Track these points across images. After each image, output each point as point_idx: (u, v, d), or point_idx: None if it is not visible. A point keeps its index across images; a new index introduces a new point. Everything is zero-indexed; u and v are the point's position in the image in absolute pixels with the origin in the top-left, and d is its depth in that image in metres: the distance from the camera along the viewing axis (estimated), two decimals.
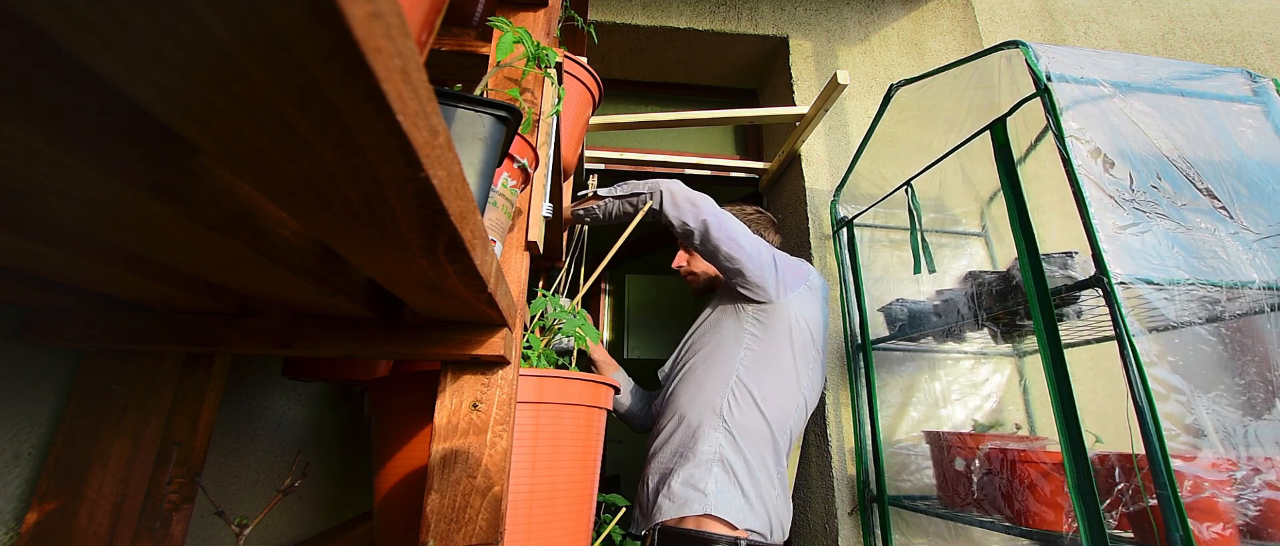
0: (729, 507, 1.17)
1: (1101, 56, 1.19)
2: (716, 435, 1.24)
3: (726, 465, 1.21)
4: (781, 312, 1.34)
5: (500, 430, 0.61)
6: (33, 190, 0.25)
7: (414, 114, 0.19)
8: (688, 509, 1.16)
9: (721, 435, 1.24)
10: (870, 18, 2.23)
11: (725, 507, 1.16)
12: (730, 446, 1.23)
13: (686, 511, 1.16)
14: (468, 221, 0.30)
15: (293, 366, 0.96)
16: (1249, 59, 2.33)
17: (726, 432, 1.24)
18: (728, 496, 1.18)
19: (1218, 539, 0.91)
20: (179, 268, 0.41)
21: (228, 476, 0.85)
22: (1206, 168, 1.11)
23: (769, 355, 1.31)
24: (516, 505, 0.69)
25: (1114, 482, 1.00)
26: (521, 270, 0.72)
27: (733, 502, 1.17)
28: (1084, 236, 1.00)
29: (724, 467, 1.21)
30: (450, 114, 0.48)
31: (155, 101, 0.19)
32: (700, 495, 1.17)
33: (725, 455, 1.22)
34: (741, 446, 1.23)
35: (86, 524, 0.55)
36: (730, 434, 1.24)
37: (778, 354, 1.31)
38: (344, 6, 0.13)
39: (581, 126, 1.15)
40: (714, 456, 1.22)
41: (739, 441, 1.23)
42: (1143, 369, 0.89)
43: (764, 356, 1.31)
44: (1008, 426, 1.48)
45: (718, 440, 1.23)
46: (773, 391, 1.29)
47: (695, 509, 1.16)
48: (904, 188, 1.58)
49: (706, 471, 1.20)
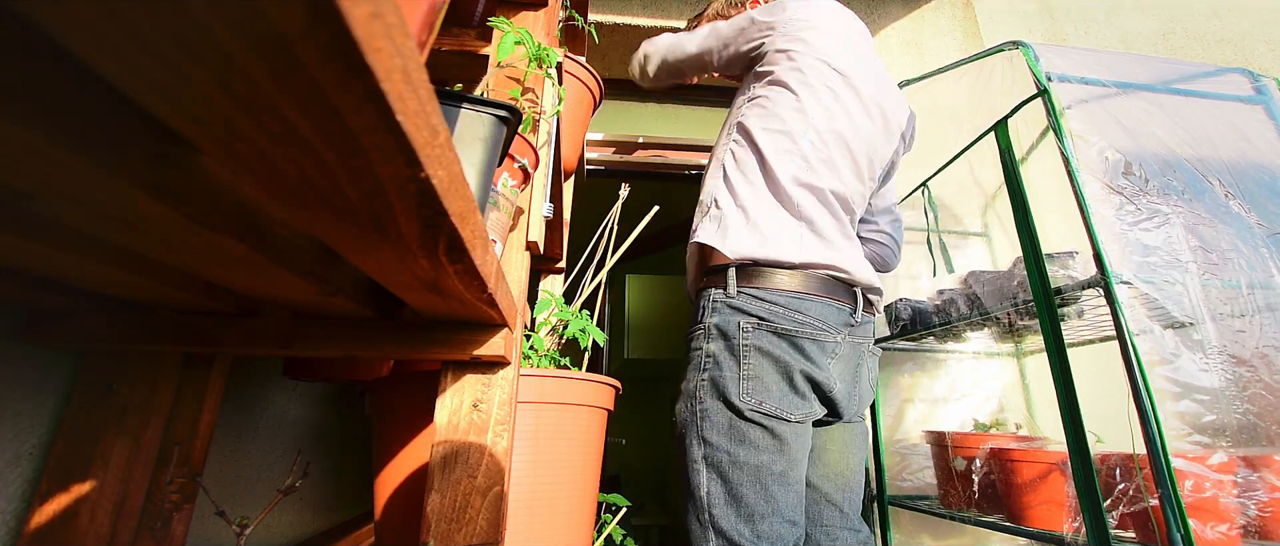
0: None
1: (1102, 56, 1.19)
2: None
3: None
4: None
5: (501, 430, 0.61)
6: (34, 190, 0.25)
7: (414, 114, 0.19)
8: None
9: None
10: (871, 17, 2.23)
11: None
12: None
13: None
14: (468, 221, 0.30)
15: (293, 366, 0.96)
16: (1250, 58, 2.33)
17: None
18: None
19: (1219, 539, 0.91)
20: (179, 267, 0.41)
21: (228, 476, 0.85)
22: (1208, 167, 1.11)
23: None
24: (517, 505, 0.69)
25: (1114, 482, 1.00)
26: (522, 270, 0.72)
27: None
28: (1085, 236, 1.00)
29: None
30: (451, 114, 0.48)
31: (155, 101, 0.19)
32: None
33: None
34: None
35: (87, 524, 0.55)
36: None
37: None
38: (344, 7, 0.13)
39: (582, 126, 1.15)
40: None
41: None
42: (1144, 368, 0.89)
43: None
44: (1008, 426, 1.48)
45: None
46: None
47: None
48: (920, 188, 1.58)
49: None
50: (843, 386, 0.89)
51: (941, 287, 1.53)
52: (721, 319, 0.88)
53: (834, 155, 0.94)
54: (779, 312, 0.86)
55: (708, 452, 0.85)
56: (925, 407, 1.73)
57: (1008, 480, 1.22)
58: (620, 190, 1.25)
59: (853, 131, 0.96)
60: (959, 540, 1.62)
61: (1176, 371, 0.95)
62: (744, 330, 0.87)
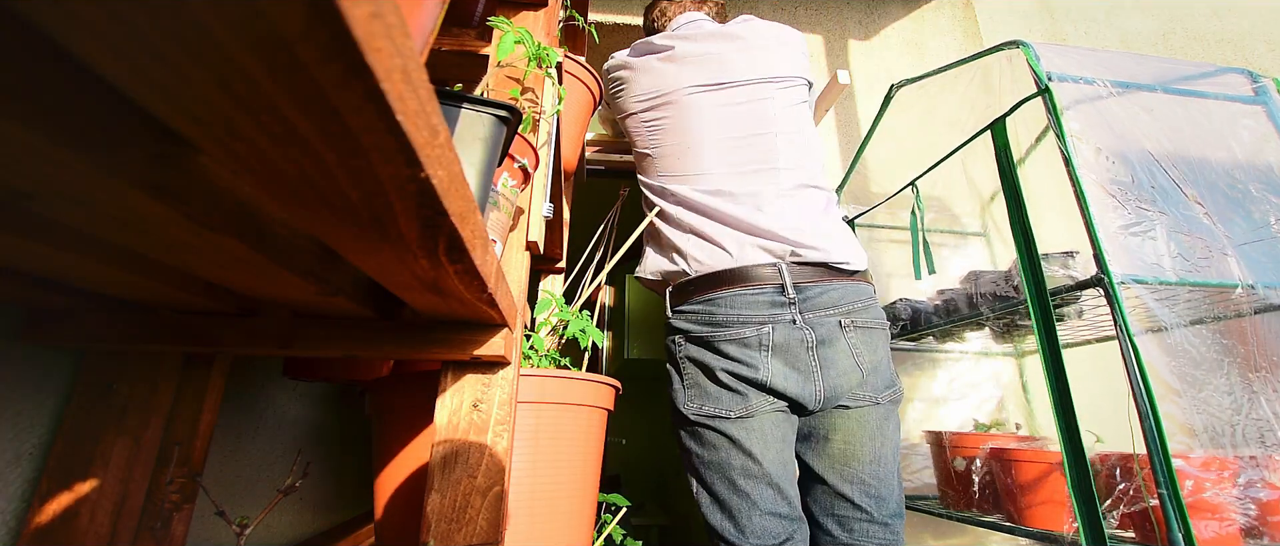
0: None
1: (1103, 56, 1.19)
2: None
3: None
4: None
5: (501, 430, 0.61)
6: (34, 190, 0.25)
7: (414, 114, 0.19)
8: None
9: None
10: (871, 18, 2.23)
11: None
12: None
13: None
14: (468, 221, 0.30)
15: (293, 366, 0.96)
16: (1250, 58, 2.33)
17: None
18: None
19: (1219, 538, 0.91)
20: (179, 267, 0.41)
21: (228, 476, 0.85)
22: (1208, 167, 1.11)
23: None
24: (517, 505, 0.69)
25: (1114, 482, 1.00)
26: (522, 270, 0.72)
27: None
28: (1085, 236, 1.00)
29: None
30: (451, 114, 0.48)
31: (155, 101, 0.19)
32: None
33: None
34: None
35: (87, 524, 0.55)
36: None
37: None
38: (344, 7, 0.13)
39: (582, 126, 1.15)
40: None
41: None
42: (1144, 368, 0.89)
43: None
44: (1008, 426, 1.48)
45: None
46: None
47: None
48: (909, 187, 1.58)
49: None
50: (792, 374, 0.90)
51: (942, 288, 1.53)
52: (667, 338, 1.01)
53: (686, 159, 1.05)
54: (694, 319, 0.96)
55: (687, 459, 0.95)
56: (925, 407, 1.73)
57: (1008, 480, 1.22)
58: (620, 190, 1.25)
59: (695, 126, 1.05)
60: (959, 540, 1.62)
61: (1177, 371, 0.95)
62: (677, 344, 0.98)
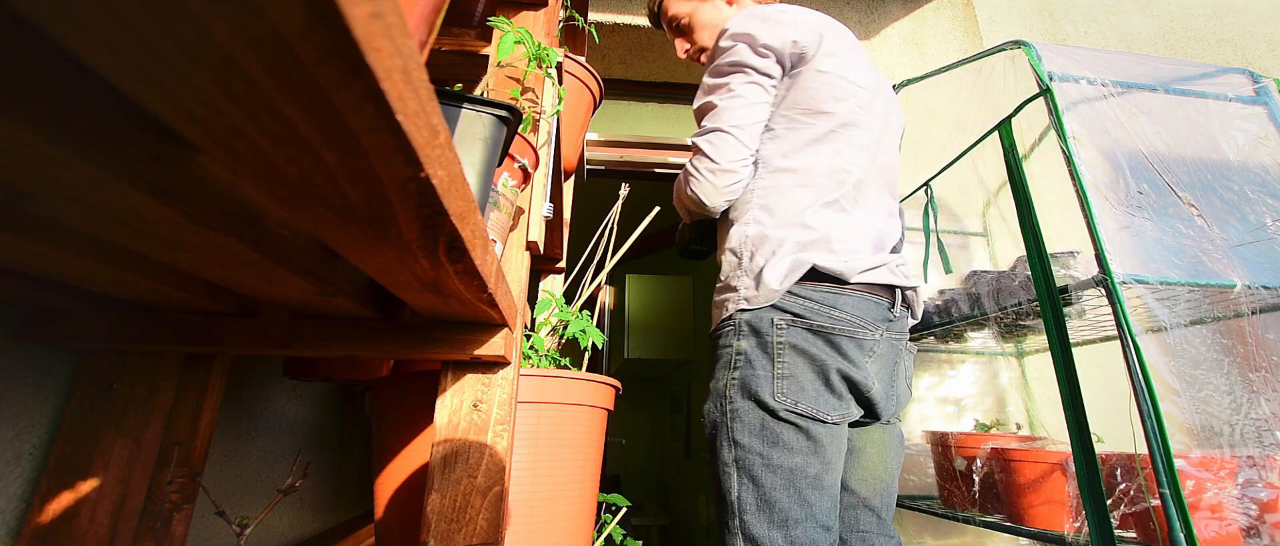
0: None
1: (1104, 56, 1.19)
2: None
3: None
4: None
5: (501, 430, 0.61)
6: (35, 190, 0.25)
7: (414, 114, 0.19)
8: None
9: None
10: (871, 17, 2.22)
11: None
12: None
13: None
14: (468, 221, 0.30)
15: (293, 366, 0.96)
16: (1250, 58, 2.33)
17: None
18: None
19: (1220, 538, 0.91)
20: (180, 268, 0.41)
21: (228, 476, 0.85)
22: (1209, 167, 1.11)
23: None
24: (517, 505, 0.69)
25: (1115, 482, 1.00)
26: (522, 270, 0.72)
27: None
28: (1086, 235, 1.00)
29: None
30: (451, 114, 0.48)
31: (155, 101, 0.19)
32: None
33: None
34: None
35: (88, 523, 0.55)
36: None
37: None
38: (344, 7, 0.13)
39: (582, 126, 1.15)
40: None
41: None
42: (1146, 368, 0.88)
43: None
44: (1009, 426, 1.48)
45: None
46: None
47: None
48: (923, 188, 1.58)
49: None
50: (880, 386, 0.85)
51: (942, 287, 1.53)
52: (754, 317, 0.84)
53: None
54: (814, 308, 0.82)
55: (739, 455, 0.81)
56: (925, 407, 1.73)
57: (1009, 480, 1.22)
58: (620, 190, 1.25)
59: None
60: (960, 540, 1.62)
61: (1177, 371, 0.95)
62: (778, 326, 0.83)
